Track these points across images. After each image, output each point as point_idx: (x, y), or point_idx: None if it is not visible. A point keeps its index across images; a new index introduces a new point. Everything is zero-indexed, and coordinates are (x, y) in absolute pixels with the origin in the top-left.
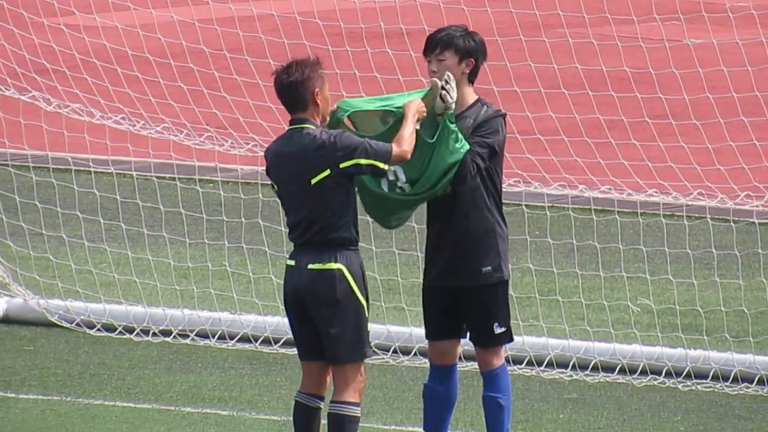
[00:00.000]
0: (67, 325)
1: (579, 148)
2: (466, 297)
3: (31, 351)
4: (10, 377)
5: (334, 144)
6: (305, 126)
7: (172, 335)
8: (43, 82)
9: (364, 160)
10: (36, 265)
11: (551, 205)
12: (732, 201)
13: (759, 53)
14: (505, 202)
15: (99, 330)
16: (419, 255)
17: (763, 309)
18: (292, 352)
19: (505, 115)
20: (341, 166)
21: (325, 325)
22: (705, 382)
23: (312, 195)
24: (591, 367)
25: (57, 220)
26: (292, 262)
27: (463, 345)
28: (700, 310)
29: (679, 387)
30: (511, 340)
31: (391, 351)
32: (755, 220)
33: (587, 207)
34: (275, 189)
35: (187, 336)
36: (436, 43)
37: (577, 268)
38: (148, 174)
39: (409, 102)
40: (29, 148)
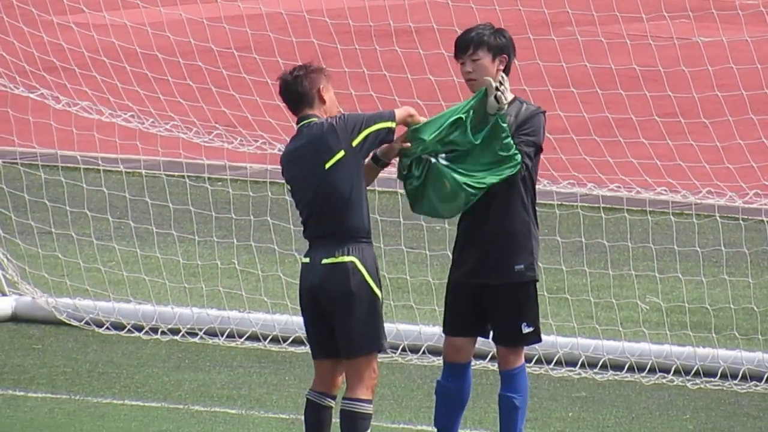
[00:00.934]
0: (76, 323)
1: (588, 146)
2: (494, 294)
3: (39, 349)
4: (19, 376)
5: (343, 124)
6: (312, 119)
7: (181, 333)
8: (52, 80)
9: (372, 128)
10: (45, 264)
11: (560, 203)
12: (741, 199)
13: None
14: None
15: (108, 328)
16: (428, 253)
17: None
18: (301, 350)
19: (545, 111)
20: (354, 144)
21: (341, 318)
22: (714, 380)
23: (325, 181)
24: (600, 365)
25: (66, 218)
26: (307, 260)
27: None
28: (709, 308)
29: (688, 385)
30: (539, 341)
31: (400, 349)
32: (764, 218)
33: (596, 205)
34: (290, 188)
35: (196, 334)
36: (468, 43)
37: (586, 266)
38: (158, 172)
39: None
40: (38, 147)
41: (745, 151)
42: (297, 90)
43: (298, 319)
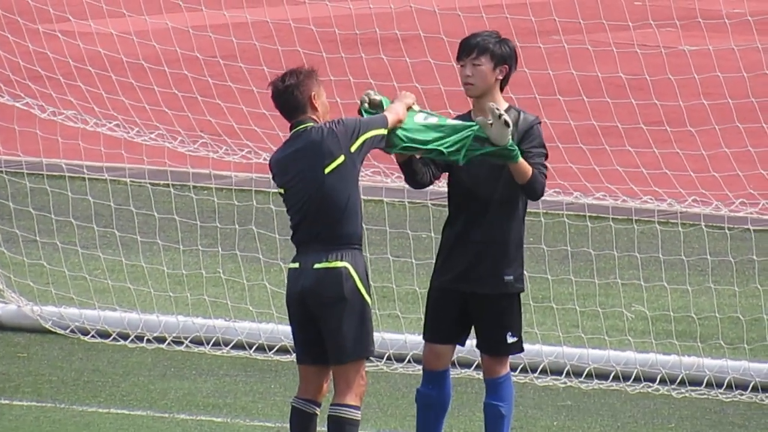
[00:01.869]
0: (61, 331)
1: (574, 154)
2: (480, 303)
3: (25, 357)
4: (4, 384)
5: (343, 129)
6: (308, 124)
7: (167, 342)
8: (37, 89)
9: (368, 134)
10: (30, 272)
11: (546, 211)
12: (727, 208)
13: (754, 59)
14: None
15: (93, 336)
16: (413, 262)
17: (757, 316)
18: (287, 359)
19: (540, 121)
20: (352, 149)
21: (331, 323)
22: (699, 389)
23: (323, 186)
24: (585, 374)
25: (51, 226)
26: (296, 265)
27: (457, 352)
28: (694, 316)
29: (673, 394)
30: (521, 351)
31: (385, 358)
32: (750, 227)
33: (582, 213)
34: (282, 194)
35: (182, 343)
36: (473, 47)
37: (572, 274)
38: (143, 181)
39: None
40: (23, 155)
41: (731, 159)
42: (288, 100)
43: (284, 328)
